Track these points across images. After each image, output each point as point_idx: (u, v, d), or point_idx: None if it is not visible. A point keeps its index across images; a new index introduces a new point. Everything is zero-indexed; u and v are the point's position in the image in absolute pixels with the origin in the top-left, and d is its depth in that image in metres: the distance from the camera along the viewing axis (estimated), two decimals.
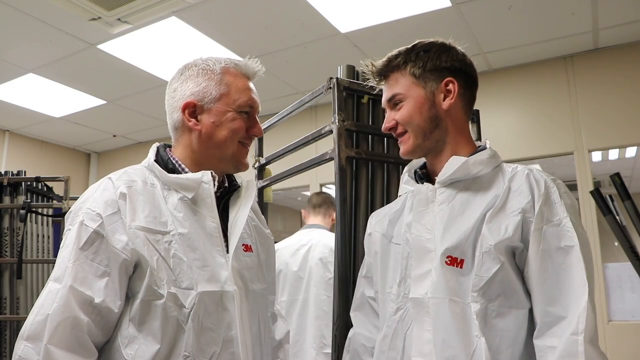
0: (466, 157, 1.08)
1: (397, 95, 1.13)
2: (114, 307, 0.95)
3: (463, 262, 1.01)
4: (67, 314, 0.91)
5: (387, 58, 1.16)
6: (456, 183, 1.09)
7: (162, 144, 1.17)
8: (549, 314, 0.96)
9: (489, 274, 0.98)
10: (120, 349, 0.95)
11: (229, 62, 1.15)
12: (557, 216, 0.99)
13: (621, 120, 3.62)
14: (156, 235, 0.99)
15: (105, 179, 1.05)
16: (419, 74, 1.12)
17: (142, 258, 0.97)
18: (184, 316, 0.97)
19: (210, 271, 1.02)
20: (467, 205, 1.05)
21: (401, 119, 1.13)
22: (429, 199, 1.10)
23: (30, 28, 3.37)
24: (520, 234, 0.99)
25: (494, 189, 1.05)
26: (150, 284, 0.96)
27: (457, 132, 1.13)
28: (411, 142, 1.13)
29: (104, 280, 0.95)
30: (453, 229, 1.03)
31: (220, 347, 1.00)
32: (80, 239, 0.96)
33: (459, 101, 1.13)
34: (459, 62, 1.14)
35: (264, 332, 1.15)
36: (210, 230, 1.06)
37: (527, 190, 1.02)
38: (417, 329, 1.03)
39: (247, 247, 1.14)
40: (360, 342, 1.26)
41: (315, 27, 3.44)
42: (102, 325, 0.95)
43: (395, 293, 1.10)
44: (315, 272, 2.51)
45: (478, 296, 0.98)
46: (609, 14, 3.31)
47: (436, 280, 1.02)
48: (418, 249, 1.07)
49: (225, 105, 1.11)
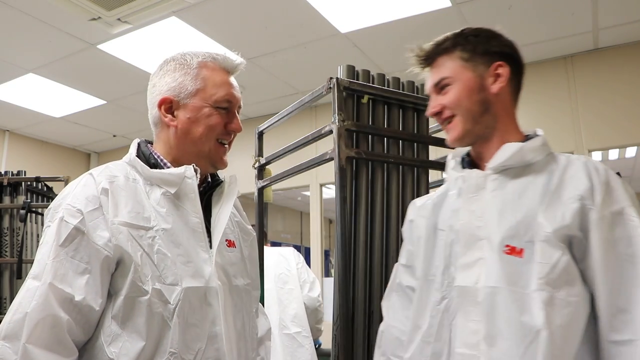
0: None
1: (445, 78, 1.10)
2: (95, 305, 0.93)
3: (523, 251, 0.96)
4: (46, 312, 0.88)
5: (434, 42, 1.13)
6: (508, 170, 1.05)
7: (143, 140, 1.15)
8: (612, 306, 0.93)
9: (552, 260, 0.94)
10: (104, 347, 0.93)
11: (207, 56, 1.13)
12: (620, 204, 0.96)
13: (621, 120, 3.61)
14: (139, 231, 0.97)
15: (86, 174, 1.03)
16: (468, 57, 1.09)
17: (126, 254, 0.95)
18: (169, 312, 0.95)
19: (194, 267, 1.01)
20: (522, 192, 1.01)
21: (449, 103, 1.09)
22: (479, 185, 1.06)
23: (30, 28, 3.36)
24: (578, 222, 0.95)
25: (548, 176, 1.02)
26: (134, 280, 0.94)
27: (507, 117, 1.11)
28: (461, 127, 1.09)
29: (84, 277, 0.92)
30: (509, 217, 0.99)
31: (205, 343, 0.98)
32: (60, 235, 0.94)
33: (508, 86, 1.10)
34: (508, 47, 1.12)
35: (248, 328, 1.14)
36: (193, 225, 1.04)
37: (585, 177, 0.98)
38: (461, 318, 1.00)
39: (230, 243, 1.13)
40: (394, 336, 1.20)
41: (315, 27, 3.44)
42: (83, 324, 0.93)
43: (439, 281, 1.06)
44: (268, 271, 2.84)
45: (544, 284, 0.93)
46: (609, 14, 3.30)
47: (492, 269, 0.98)
48: (466, 236, 1.03)
49: (201, 101, 1.08)
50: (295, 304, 2.99)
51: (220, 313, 1.01)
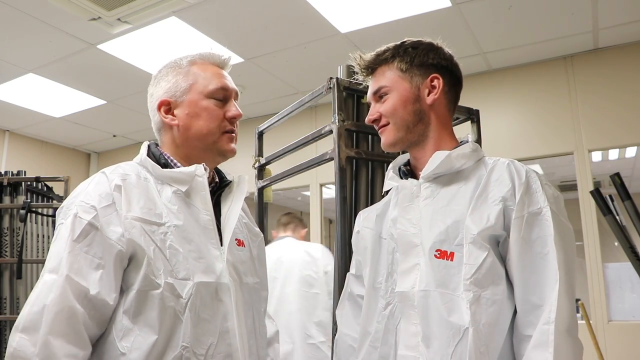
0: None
1: (382, 87, 1.15)
2: (109, 299, 0.93)
3: (453, 254, 1.01)
4: (64, 304, 0.89)
5: (375, 52, 1.18)
6: (440, 177, 1.10)
7: (152, 142, 1.17)
8: (526, 302, 0.97)
9: (478, 261, 0.98)
10: (115, 342, 0.94)
11: (196, 54, 1.16)
12: (538, 205, 1.00)
13: (621, 120, 3.62)
14: (152, 226, 0.99)
15: (98, 173, 1.05)
16: (406, 69, 1.14)
17: (139, 248, 0.96)
18: (181, 306, 0.96)
19: (206, 263, 1.02)
20: (451, 198, 1.07)
21: (385, 111, 1.14)
22: (413, 194, 1.11)
23: (30, 28, 3.36)
24: (502, 223, 1.00)
25: (476, 180, 1.07)
26: (147, 274, 0.95)
27: (440, 127, 1.15)
28: (393, 134, 1.14)
29: (98, 272, 0.93)
30: (439, 223, 1.05)
31: (217, 338, 0.99)
32: (75, 231, 0.95)
33: (442, 98, 1.15)
34: (446, 60, 1.16)
35: (258, 326, 1.15)
36: (204, 223, 1.06)
37: (508, 179, 1.03)
38: (404, 322, 1.04)
39: (239, 242, 1.14)
40: (347, 344, 1.25)
41: (315, 27, 3.44)
42: (97, 318, 0.94)
43: (384, 288, 1.11)
44: (292, 271, 2.70)
45: (471, 284, 0.98)
46: (609, 14, 3.31)
47: (424, 273, 1.03)
48: (404, 244, 1.08)
49: (196, 94, 1.11)
50: (320, 310, 2.71)
51: (232, 309, 1.03)
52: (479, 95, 3.99)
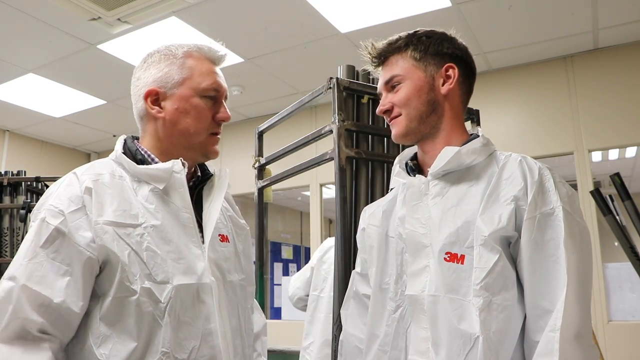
0: (459, 146, 1.05)
1: (396, 76, 1.10)
2: (75, 307, 0.90)
3: (464, 257, 0.97)
4: (18, 315, 0.87)
5: (387, 41, 1.14)
6: (449, 174, 1.06)
7: (129, 136, 1.13)
8: (537, 307, 0.94)
9: (489, 265, 0.94)
10: (93, 349, 0.91)
11: (192, 46, 1.12)
12: (551, 205, 0.96)
13: (621, 120, 3.62)
14: (126, 229, 0.95)
15: (69, 174, 1.00)
16: (420, 57, 1.10)
17: (112, 254, 0.92)
18: (160, 311, 0.93)
19: (186, 263, 0.99)
20: (462, 197, 1.02)
21: (398, 101, 1.10)
22: (422, 192, 1.06)
23: (30, 28, 3.36)
24: (514, 223, 0.96)
25: (487, 178, 1.02)
26: (122, 280, 0.92)
27: (454, 119, 1.11)
28: (405, 124, 1.09)
29: (65, 279, 0.90)
30: (449, 223, 1.00)
31: (199, 340, 0.96)
32: (41, 236, 0.92)
33: (457, 88, 1.11)
34: (460, 50, 1.12)
35: (244, 324, 1.12)
36: (184, 221, 1.02)
37: (520, 177, 0.98)
38: (414, 326, 1.01)
39: (223, 237, 1.11)
40: (353, 345, 1.21)
41: (315, 27, 3.44)
42: (62, 326, 0.91)
43: (393, 290, 1.07)
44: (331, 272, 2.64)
45: (481, 290, 0.93)
46: (609, 14, 3.31)
47: (434, 277, 0.99)
48: (413, 245, 1.04)
49: (188, 90, 1.06)
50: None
51: (214, 310, 0.99)
52: (479, 95, 3.95)
